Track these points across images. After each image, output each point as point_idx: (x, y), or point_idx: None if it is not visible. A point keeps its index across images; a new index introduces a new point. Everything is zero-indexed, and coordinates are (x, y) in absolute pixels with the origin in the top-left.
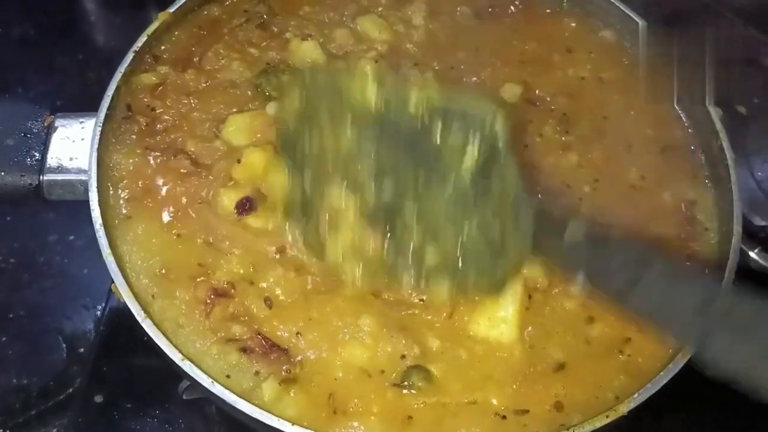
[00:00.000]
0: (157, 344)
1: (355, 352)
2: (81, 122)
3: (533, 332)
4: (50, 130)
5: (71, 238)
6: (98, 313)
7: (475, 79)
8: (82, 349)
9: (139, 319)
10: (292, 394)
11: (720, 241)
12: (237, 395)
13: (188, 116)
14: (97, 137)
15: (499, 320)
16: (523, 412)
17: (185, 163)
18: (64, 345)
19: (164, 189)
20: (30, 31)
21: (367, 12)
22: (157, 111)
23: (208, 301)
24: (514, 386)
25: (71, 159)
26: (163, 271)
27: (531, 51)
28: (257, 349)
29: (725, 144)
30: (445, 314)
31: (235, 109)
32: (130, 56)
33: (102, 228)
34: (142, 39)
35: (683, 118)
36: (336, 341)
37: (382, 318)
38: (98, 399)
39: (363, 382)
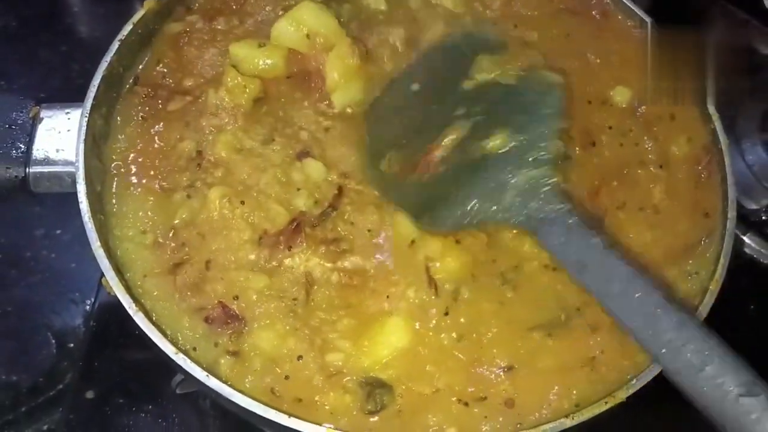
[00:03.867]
0: (149, 338)
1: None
2: (67, 113)
3: None
4: (36, 121)
5: (58, 232)
6: (87, 307)
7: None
8: (71, 345)
9: (131, 312)
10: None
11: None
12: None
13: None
14: (84, 128)
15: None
16: None
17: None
18: (53, 341)
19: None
20: (12, 22)
21: None
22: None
23: (172, 267)
24: None
25: (58, 151)
26: (145, 240)
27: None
28: (218, 318)
29: (719, 128)
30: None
31: None
32: (115, 45)
33: (91, 220)
34: (128, 28)
35: None
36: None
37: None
38: (89, 395)
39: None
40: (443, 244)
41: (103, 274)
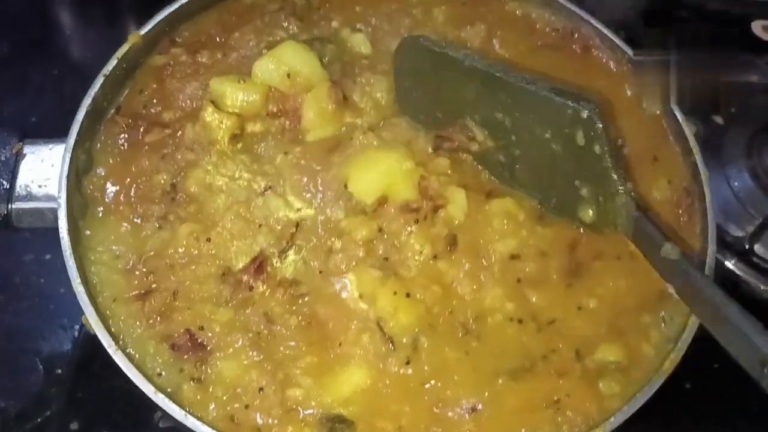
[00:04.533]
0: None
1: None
2: (50, 148)
3: None
4: (19, 157)
5: (47, 257)
6: (75, 333)
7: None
8: (59, 371)
9: (110, 351)
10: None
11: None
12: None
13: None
14: (67, 164)
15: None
16: None
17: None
18: (41, 366)
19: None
20: (4, 46)
21: (423, 26)
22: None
23: (140, 294)
24: None
25: (40, 186)
26: (117, 265)
27: None
28: (184, 345)
29: (699, 160)
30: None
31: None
32: (100, 80)
33: (72, 257)
34: (112, 63)
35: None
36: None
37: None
38: (74, 426)
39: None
40: (392, 302)
41: (83, 311)
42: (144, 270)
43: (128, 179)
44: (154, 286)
